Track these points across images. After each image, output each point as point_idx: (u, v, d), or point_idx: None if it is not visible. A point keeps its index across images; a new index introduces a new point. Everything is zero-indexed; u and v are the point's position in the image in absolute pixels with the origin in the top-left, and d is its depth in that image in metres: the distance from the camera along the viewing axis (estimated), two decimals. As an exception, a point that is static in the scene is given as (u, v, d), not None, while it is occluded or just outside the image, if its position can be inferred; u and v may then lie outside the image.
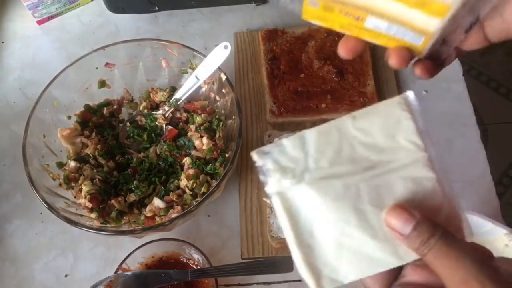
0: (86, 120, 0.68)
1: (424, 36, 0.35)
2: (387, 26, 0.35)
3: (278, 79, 0.73)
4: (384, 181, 0.32)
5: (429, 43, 0.35)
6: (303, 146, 0.32)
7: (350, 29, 0.37)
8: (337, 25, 0.38)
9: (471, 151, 0.70)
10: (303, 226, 0.32)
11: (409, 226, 0.30)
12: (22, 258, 0.65)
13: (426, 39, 0.35)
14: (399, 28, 0.35)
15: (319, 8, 0.37)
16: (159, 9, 0.83)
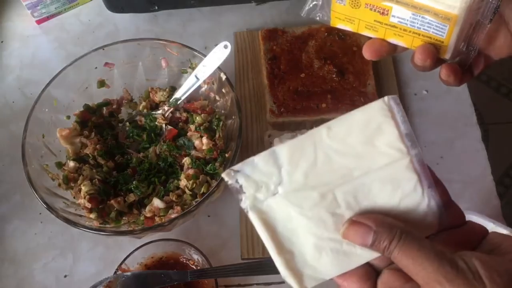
0: (86, 120, 0.68)
1: (448, 24, 0.36)
2: (411, 16, 0.37)
3: (278, 79, 0.73)
4: (361, 185, 0.32)
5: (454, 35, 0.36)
6: (276, 160, 0.32)
7: (376, 29, 0.39)
8: (363, 26, 0.40)
9: (471, 151, 0.70)
10: (281, 235, 0.33)
11: (369, 238, 0.30)
12: (21, 258, 0.65)
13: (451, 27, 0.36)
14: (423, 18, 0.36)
15: (346, 5, 0.39)
16: (158, 9, 0.83)
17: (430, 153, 0.70)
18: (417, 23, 0.37)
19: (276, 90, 0.72)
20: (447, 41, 0.37)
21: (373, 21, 0.39)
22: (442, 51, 0.38)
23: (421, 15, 0.37)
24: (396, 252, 0.29)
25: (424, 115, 0.73)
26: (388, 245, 0.30)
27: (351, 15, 0.40)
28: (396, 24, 0.38)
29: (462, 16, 0.35)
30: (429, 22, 0.37)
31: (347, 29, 0.41)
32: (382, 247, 0.30)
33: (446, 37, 0.37)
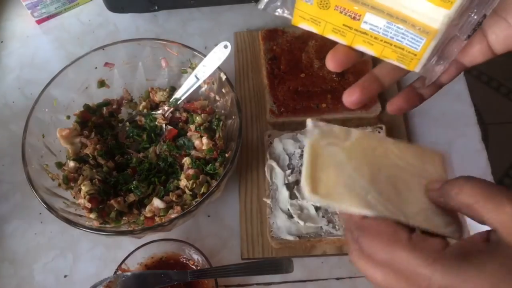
0: (86, 120, 0.68)
1: (425, 37, 0.33)
2: (385, 25, 0.34)
3: (278, 79, 0.73)
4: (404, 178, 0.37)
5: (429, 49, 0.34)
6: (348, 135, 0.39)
7: (344, 34, 0.36)
8: (330, 29, 0.36)
9: (472, 151, 0.70)
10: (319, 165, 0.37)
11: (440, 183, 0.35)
12: (21, 258, 0.65)
13: (428, 41, 0.33)
14: (399, 28, 0.34)
15: (314, 5, 0.35)
16: (158, 9, 0.83)
17: (430, 153, 0.70)
18: (390, 32, 0.34)
19: (276, 90, 0.72)
20: (421, 54, 0.35)
21: (342, 25, 0.35)
22: (412, 65, 0.36)
23: (396, 24, 0.34)
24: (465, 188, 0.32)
25: (424, 115, 0.73)
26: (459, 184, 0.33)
27: (317, 16, 0.36)
28: (367, 31, 0.35)
29: (442, 30, 0.33)
30: (404, 33, 0.34)
31: (310, 30, 0.37)
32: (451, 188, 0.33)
33: (420, 51, 0.34)
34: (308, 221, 0.60)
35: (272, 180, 0.65)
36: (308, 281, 0.62)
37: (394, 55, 0.35)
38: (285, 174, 0.64)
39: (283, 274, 0.57)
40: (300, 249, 0.62)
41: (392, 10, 0.33)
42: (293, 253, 0.62)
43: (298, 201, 0.62)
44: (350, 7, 0.34)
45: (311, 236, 0.60)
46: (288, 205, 0.62)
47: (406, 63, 0.36)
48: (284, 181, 0.64)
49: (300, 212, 0.61)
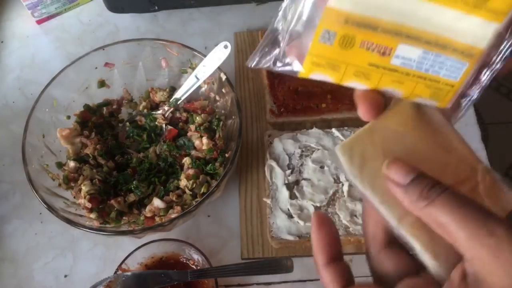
0: (86, 120, 0.68)
1: (468, 62, 0.29)
2: (420, 55, 0.29)
3: (278, 79, 0.73)
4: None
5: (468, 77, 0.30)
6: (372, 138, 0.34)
7: (368, 76, 0.31)
8: (351, 72, 0.31)
9: (471, 151, 0.70)
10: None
11: (408, 177, 0.28)
12: (21, 258, 0.65)
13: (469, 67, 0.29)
14: (437, 56, 0.29)
15: (334, 45, 0.30)
16: (158, 9, 0.83)
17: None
18: (426, 64, 0.30)
19: (276, 90, 0.72)
20: (459, 84, 0.30)
21: (367, 65, 0.30)
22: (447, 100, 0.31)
23: (434, 52, 0.29)
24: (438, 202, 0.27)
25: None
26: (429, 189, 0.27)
27: (337, 59, 0.31)
28: (398, 67, 0.30)
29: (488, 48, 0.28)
30: (443, 62, 0.29)
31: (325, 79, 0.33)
32: (418, 191, 0.27)
33: (459, 80, 0.30)
34: (308, 221, 0.60)
35: (272, 180, 0.65)
36: (308, 281, 0.62)
37: (427, 92, 0.31)
38: (285, 174, 0.64)
39: (283, 274, 0.57)
40: (300, 249, 0.62)
41: (431, 36, 0.29)
42: (293, 253, 0.62)
43: (298, 201, 0.62)
44: (380, 41, 0.29)
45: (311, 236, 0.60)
46: (288, 205, 0.62)
47: (440, 99, 0.32)
48: (284, 181, 0.64)
49: (300, 212, 0.62)
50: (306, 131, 0.68)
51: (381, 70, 0.31)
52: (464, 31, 0.28)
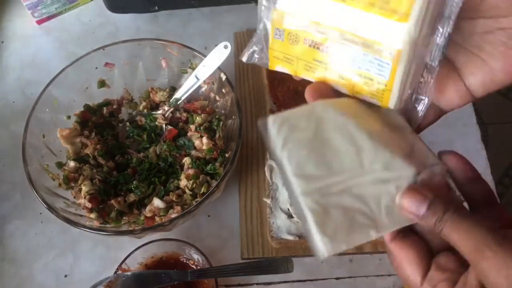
0: (86, 120, 0.68)
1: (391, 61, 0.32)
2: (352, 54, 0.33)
3: (278, 79, 0.73)
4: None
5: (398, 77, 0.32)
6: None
7: (315, 70, 0.35)
8: (302, 66, 0.36)
9: (471, 151, 0.70)
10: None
11: (423, 206, 0.31)
12: (21, 258, 0.65)
13: (394, 66, 0.32)
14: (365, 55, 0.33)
15: (285, 41, 0.35)
16: (159, 9, 0.83)
17: (430, 153, 0.70)
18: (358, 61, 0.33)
19: (276, 90, 0.72)
20: (390, 85, 0.33)
21: (312, 60, 0.35)
22: (385, 99, 0.34)
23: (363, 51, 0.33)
24: (448, 225, 0.30)
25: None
26: (441, 216, 0.30)
27: (289, 53, 0.36)
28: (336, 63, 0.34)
29: (406, 51, 0.31)
30: (371, 61, 0.33)
31: (285, 71, 0.38)
32: (434, 219, 0.30)
33: (389, 79, 0.33)
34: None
35: (272, 180, 0.65)
36: (308, 281, 0.62)
37: (366, 90, 0.34)
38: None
39: (283, 274, 0.57)
40: (300, 249, 0.62)
41: (356, 36, 0.32)
42: (293, 253, 0.62)
43: (298, 201, 0.62)
44: (317, 39, 0.34)
45: None
46: (288, 205, 0.62)
47: (379, 97, 0.34)
48: (284, 181, 0.64)
49: (300, 212, 0.62)
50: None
51: (324, 65, 0.35)
52: (381, 32, 0.31)
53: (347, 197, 0.32)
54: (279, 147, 0.34)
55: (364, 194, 0.32)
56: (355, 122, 0.34)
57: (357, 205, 0.32)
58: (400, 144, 0.34)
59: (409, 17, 0.30)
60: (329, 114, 0.34)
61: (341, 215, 0.32)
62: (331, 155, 0.33)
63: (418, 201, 0.31)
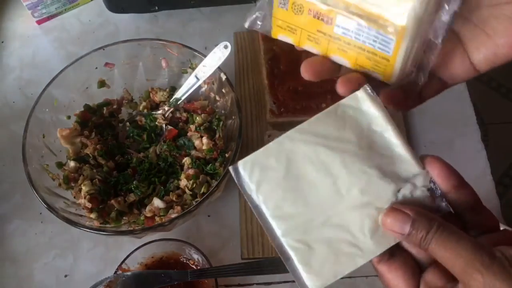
0: (86, 120, 0.68)
1: (394, 37, 0.32)
2: (356, 27, 0.33)
3: (278, 79, 0.73)
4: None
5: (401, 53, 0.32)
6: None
7: (318, 41, 0.35)
8: (305, 37, 0.35)
9: (471, 151, 0.70)
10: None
11: (407, 225, 0.30)
12: (21, 258, 0.65)
13: (398, 42, 0.32)
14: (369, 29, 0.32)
15: (289, 10, 0.35)
16: (159, 9, 0.83)
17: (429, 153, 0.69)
18: (362, 35, 0.33)
19: (276, 90, 0.72)
20: (393, 60, 0.33)
21: (316, 31, 0.35)
22: (387, 74, 0.34)
23: (367, 26, 0.32)
24: (433, 243, 0.29)
25: (424, 115, 0.73)
26: (425, 235, 0.30)
27: (293, 23, 0.35)
28: (341, 36, 0.34)
29: (410, 28, 0.31)
30: (376, 35, 0.32)
31: (288, 41, 0.37)
32: (419, 237, 0.30)
33: (392, 55, 0.33)
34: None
35: (272, 180, 0.65)
36: (308, 280, 0.62)
37: (368, 63, 0.34)
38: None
39: (283, 273, 0.57)
40: (300, 249, 0.62)
41: (361, 9, 0.32)
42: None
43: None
44: (322, 10, 0.33)
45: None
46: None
47: (381, 72, 0.34)
48: (284, 181, 0.64)
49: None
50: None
51: (327, 37, 0.34)
52: (386, 7, 0.31)
53: (329, 229, 0.32)
54: (254, 192, 0.34)
55: (346, 222, 0.32)
56: (326, 149, 0.34)
57: (340, 235, 0.32)
58: (377, 158, 0.33)
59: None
60: (298, 147, 0.34)
61: (325, 248, 0.32)
62: (307, 189, 0.33)
63: (400, 220, 0.31)
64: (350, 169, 0.33)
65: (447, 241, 0.29)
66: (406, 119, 0.73)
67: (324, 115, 0.35)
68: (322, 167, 0.33)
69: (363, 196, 0.32)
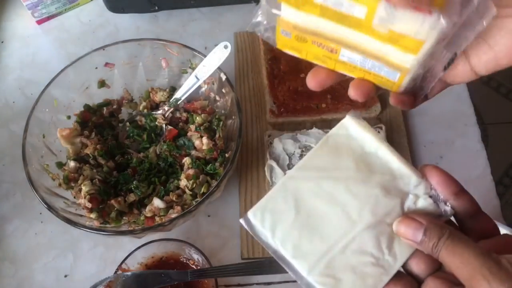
0: (86, 120, 0.68)
1: (399, 72, 0.33)
2: (361, 59, 0.34)
3: (278, 79, 0.73)
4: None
5: (406, 79, 0.34)
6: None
7: (325, 61, 0.36)
8: (311, 56, 0.36)
9: (471, 151, 0.70)
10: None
11: (419, 234, 0.32)
12: (21, 258, 0.65)
13: (402, 75, 0.34)
14: (374, 62, 0.34)
15: (292, 39, 0.35)
16: (159, 9, 0.83)
17: (429, 153, 0.70)
18: (367, 65, 0.34)
19: (276, 90, 0.73)
20: (399, 83, 0.35)
21: (322, 56, 0.36)
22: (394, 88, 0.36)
23: (371, 60, 0.34)
24: (444, 249, 0.31)
25: (424, 115, 0.73)
26: (437, 242, 0.31)
27: (298, 47, 0.36)
28: (346, 61, 0.35)
29: (414, 68, 0.33)
30: (380, 67, 0.34)
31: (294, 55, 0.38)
32: (431, 244, 0.31)
33: (398, 81, 0.34)
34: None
35: (272, 180, 0.65)
36: (308, 280, 0.62)
37: (376, 81, 0.36)
38: (284, 174, 0.64)
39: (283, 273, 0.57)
40: (300, 249, 0.62)
41: (366, 50, 0.33)
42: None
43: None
44: (327, 43, 0.34)
45: None
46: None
47: (389, 87, 0.36)
48: (284, 181, 0.64)
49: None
50: (306, 131, 0.68)
51: (333, 61, 0.35)
52: (389, 53, 0.32)
53: (349, 256, 0.33)
54: (270, 238, 0.34)
55: (364, 245, 0.33)
56: (328, 180, 0.35)
57: (362, 259, 0.33)
58: (378, 177, 0.35)
59: (419, 51, 0.31)
60: (301, 185, 0.35)
61: (351, 275, 0.33)
62: (320, 222, 0.34)
63: (413, 228, 0.32)
64: (355, 194, 0.34)
65: (457, 248, 0.30)
66: (406, 119, 0.73)
67: (318, 149, 0.36)
68: (329, 198, 0.34)
69: (373, 216, 0.34)
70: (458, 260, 0.30)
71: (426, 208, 0.34)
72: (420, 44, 0.30)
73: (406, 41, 0.31)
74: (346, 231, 0.34)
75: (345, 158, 0.36)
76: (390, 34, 0.31)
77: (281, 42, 0.36)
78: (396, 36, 0.31)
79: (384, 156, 0.36)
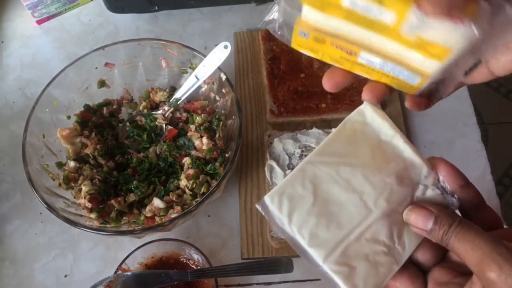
0: (86, 120, 0.68)
1: (420, 76, 0.33)
2: (381, 63, 0.34)
3: (278, 79, 0.73)
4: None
5: (425, 84, 0.34)
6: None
7: (342, 62, 0.36)
8: (328, 58, 0.36)
9: (471, 151, 0.70)
10: None
11: (429, 222, 0.32)
12: (21, 258, 0.65)
13: (423, 80, 0.33)
14: (394, 66, 0.33)
15: (310, 40, 0.35)
16: (159, 9, 0.83)
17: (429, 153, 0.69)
18: (386, 68, 0.34)
19: (276, 90, 0.73)
20: (418, 86, 0.35)
21: (339, 57, 0.35)
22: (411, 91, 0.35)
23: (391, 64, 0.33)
24: (454, 236, 0.31)
25: (424, 115, 0.73)
26: (448, 229, 0.32)
27: (315, 47, 0.35)
28: (364, 64, 0.35)
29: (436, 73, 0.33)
30: (400, 70, 0.33)
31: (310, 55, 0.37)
32: (441, 232, 0.32)
33: (417, 84, 0.34)
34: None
35: (272, 180, 0.65)
36: (308, 280, 0.62)
37: (393, 83, 0.35)
38: (285, 174, 0.64)
39: (283, 274, 0.57)
40: (300, 249, 0.62)
41: (387, 53, 0.33)
42: (293, 253, 0.62)
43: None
44: (345, 45, 0.34)
45: None
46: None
47: (406, 90, 0.36)
48: (284, 181, 0.64)
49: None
50: (306, 131, 0.68)
51: (351, 62, 0.35)
52: (413, 58, 0.32)
53: (364, 244, 0.33)
54: (286, 224, 0.34)
55: (377, 234, 0.34)
56: (346, 166, 0.35)
57: (375, 248, 0.33)
58: (392, 166, 0.35)
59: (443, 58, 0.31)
60: (320, 171, 0.35)
61: (364, 264, 0.33)
62: (337, 210, 0.34)
63: (424, 216, 0.33)
64: (372, 182, 0.34)
65: (468, 235, 0.31)
66: (406, 119, 0.73)
67: (336, 134, 0.36)
68: (347, 185, 0.34)
69: (388, 205, 0.34)
70: (469, 246, 0.30)
71: (433, 199, 0.34)
72: (448, 51, 0.30)
73: (434, 48, 0.30)
74: (363, 219, 0.34)
75: (361, 144, 0.36)
76: (418, 41, 0.30)
77: (297, 42, 0.36)
78: (424, 43, 0.30)
79: (398, 145, 0.36)
